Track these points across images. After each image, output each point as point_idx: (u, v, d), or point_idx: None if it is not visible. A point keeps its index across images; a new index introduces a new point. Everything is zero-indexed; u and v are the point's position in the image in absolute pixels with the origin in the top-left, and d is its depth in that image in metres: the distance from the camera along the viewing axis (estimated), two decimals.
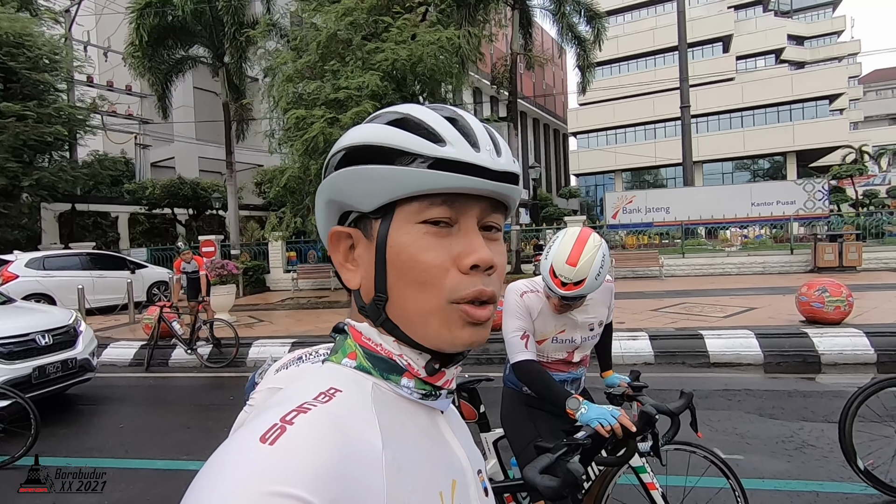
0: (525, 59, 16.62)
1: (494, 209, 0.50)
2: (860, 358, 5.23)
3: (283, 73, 10.17)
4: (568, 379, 1.91)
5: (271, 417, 0.39)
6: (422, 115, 0.48)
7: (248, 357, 6.63)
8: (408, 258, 0.47)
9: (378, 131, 0.48)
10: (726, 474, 1.90)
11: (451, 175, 0.46)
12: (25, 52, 12.59)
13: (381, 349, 0.50)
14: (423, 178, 0.46)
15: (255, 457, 0.36)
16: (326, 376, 0.48)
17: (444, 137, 0.47)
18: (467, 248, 0.47)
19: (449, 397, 0.53)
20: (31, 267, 10.13)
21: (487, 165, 0.47)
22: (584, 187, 40.82)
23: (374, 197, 0.48)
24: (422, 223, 0.47)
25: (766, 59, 40.25)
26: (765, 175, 34.28)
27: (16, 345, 4.46)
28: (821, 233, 14.15)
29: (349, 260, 0.52)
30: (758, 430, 3.63)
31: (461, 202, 0.47)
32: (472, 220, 0.48)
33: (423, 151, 0.46)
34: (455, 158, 0.46)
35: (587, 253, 1.62)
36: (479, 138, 0.48)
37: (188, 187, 17.58)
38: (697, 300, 8.72)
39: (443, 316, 0.47)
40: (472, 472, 0.53)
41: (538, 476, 1.14)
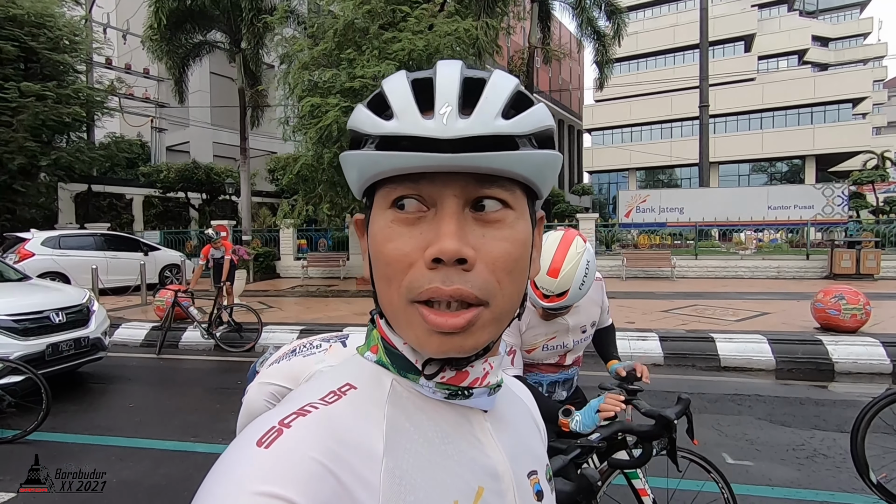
0: (542, 53, 16.45)
1: (488, 182, 0.40)
2: (875, 367, 5.13)
3: (300, 60, 10.15)
4: (560, 379, 1.88)
5: (271, 420, 0.40)
6: (390, 83, 0.43)
7: (257, 343, 6.68)
8: (376, 249, 0.42)
9: (354, 112, 0.45)
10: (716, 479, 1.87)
11: (394, 154, 0.39)
12: (46, 32, 12.70)
13: (395, 344, 0.46)
14: (372, 161, 0.41)
15: (249, 460, 0.36)
16: (346, 371, 0.47)
17: (392, 108, 0.40)
18: (435, 236, 0.39)
19: (492, 395, 0.48)
20: (46, 245, 10.28)
21: (434, 135, 0.38)
22: (597, 185, 40.49)
23: (353, 183, 0.45)
24: (390, 209, 0.42)
25: (789, 59, 39.41)
26: (782, 178, 33.71)
27: (31, 321, 4.53)
28: (838, 239, 13.89)
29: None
30: (768, 436, 3.58)
31: (426, 181, 0.40)
32: (450, 201, 0.40)
33: (370, 130, 0.41)
34: (394, 133, 0.39)
35: (569, 262, 1.52)
36: (437, 99, 0.39)
37: (202, 172, 17.70)
38: (709, 302, 8.62)
39: (406, 317, 0.41)
40: (511, 477, 0.47)
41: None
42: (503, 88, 0.41)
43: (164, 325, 6.82)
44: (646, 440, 1.48)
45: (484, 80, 0.41)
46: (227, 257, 7.39)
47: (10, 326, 4.38)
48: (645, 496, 1.74)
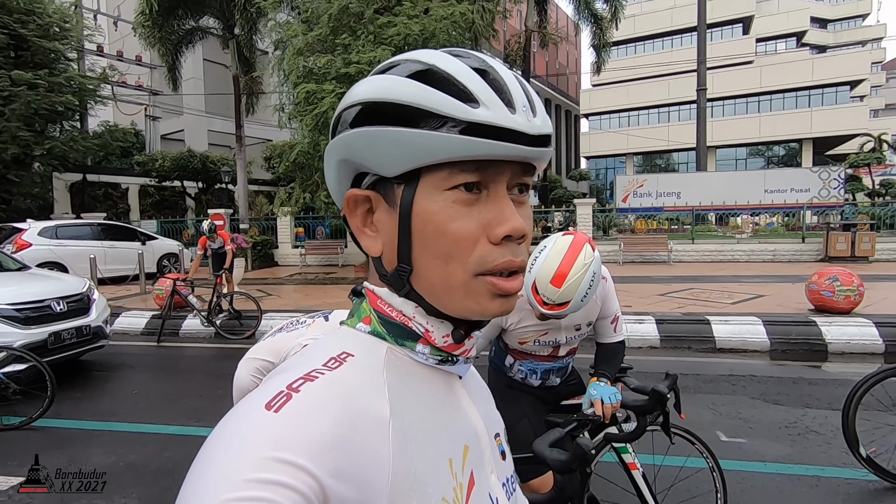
0: (539, 37, 16.30)
1: (524, 171, 0.46)
2: (868, 348, 5.22)
3: (294, 46, 10.03)
4: (553, 368, 1.89)
5: (278, 385, 0.39)
6: (449, 66, 0.43)
7: (257, 330, 6.73)
8: (435, 229, 0.43)
9: (400, 86, 0.43)
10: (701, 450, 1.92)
11: (485, 142, 0.41)
12: (36, 19, 12.52)
13: (395, 315, 0.48)
14: (455, 145, 0.41)
15: (259, 424, 0.36)
16: (340, 340, 0.47)
17: (476, 96, 0.42)
18: (498, 216, 0.44)
19: (468, 363, 0.52)
20: (43, 236, 10.25)
21: (524, 130, 0.42)
22: (594, 170, 40.42)
23: (397, 162, 0.43)
24: (450, 190, 0.43)
25: (788, 41, 39.15)
26: (779, 162, 33.72)
27: (32, 310, 4.55)
28: (834, 222, 13.96)
29: (367, 225, 0.48)
30: (761, 415, 3.65)
31: (493, 167, 0.43)
32: (502, 186, 0.44)
33: (455, 114, 0.41)
34: (490, 123, 0.41)
35: (575, 273, 1.46)
36: (514, 96, 0.43)
37: (197, 160, 17.59)
38: (705, 286, 8.69)
39: (469, 289, 0.44)
40: (487, 437, 0.52)
41: (548, 449, 1.16)
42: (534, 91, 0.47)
43: (163, 313, 6.85)
44: (640, 415, 1.53)
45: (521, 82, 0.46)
46: (228, 247, 7.39)
47: (11, 315, 4.41)
48: (634, 469, 1.79)
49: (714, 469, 1.91)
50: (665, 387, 1.51)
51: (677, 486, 2.14)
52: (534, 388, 1.91)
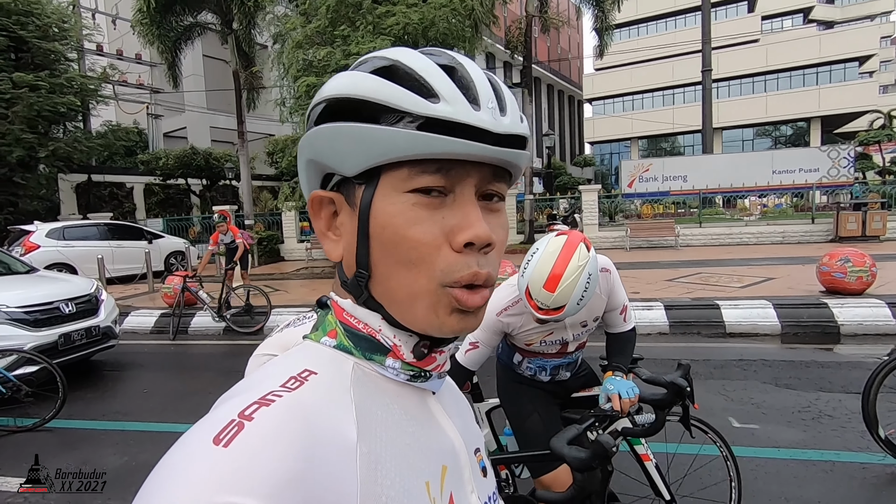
0: (540, 22, 16.06)
1: (496, 176, 0.43)
2: (881, 328, 5.15)
3: (293, 39, 9.96)
4: (563, 363, 1.85)
5: (229, 412, 0.35)
6: (413, 61, 0.41)
7: (266, 324, 6.76)
8: (393, 233, 0.41)
9: (361, 81, 0.41)
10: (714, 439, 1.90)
11: (444, 139, 0.39)
12: (34, 20, 12.49)
13: (363, 327, 0.45)
14: (412, 142, 0.39)
15: (206, 462, 0.31)
16: (302, 357, 0.44)
17: (437, 91, 0.39)
18: (462, 221, 0.41)
19: (441, 378, 0.49)
20: (51, 237, 10.33)
21: (488, 127, 0.40)
22: (598, 155, 40.09)
23: (356, 159, 0.41)
24: (411, 192, 0.40)
25: (794, 18, 38.32)
26: (787, 142, 33.24)
27: (41, 312, 4.58)
28: (844, 201, 13.76)
29: (331, 228, 0.46)
30: (773, 400, 3.62)
31: (457, 169, 0.41)
32: (469, 189, 0.42)
33: (412, 109, 0.39)
34: (450, 118, 0.39)
35: (568, 277, 1.39)
36: (479, 93, 0.41)
37: (201, 157, 17.60)
38: (714, 270, 8.61)
39: (432, 300, 0.41)
40: (466, 454, 0.49)
41: (566, 447, 1.13)
42: (510, 92, 0.45)
43: (175, 311, 6.89)
44: (659, 409, 1.49)
45: (493, 81, 0.44)
46: (239, 241, 7.46)
47: (21, 318, 4.44)
48: (647, 461, 1.77)
49: (728, 458, 1.89)
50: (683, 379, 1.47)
51: (690, 475, 2.11)
52: (544, 384, 1.88)
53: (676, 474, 2.02)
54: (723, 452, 1.90)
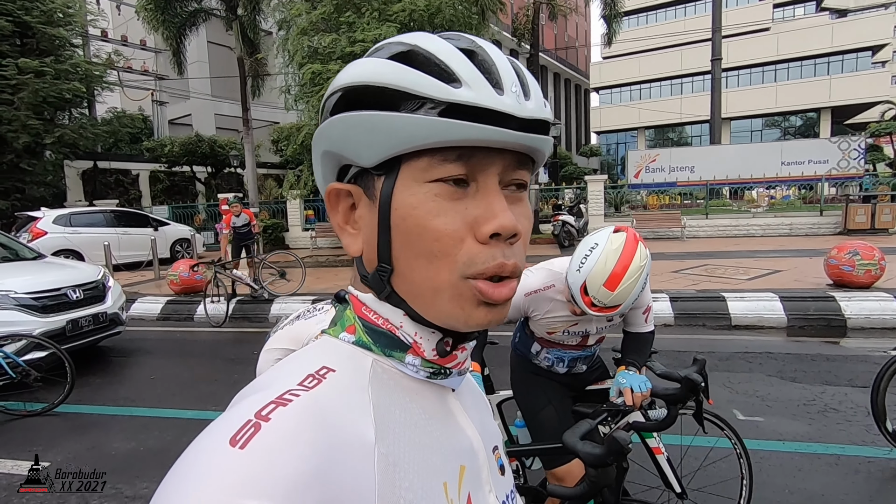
0: (548, 9, 15.85)
1: (520, 163, 0.42)
2: (888, 322, 5.12)
3: (298, 25, 9.89)
4: (581, 356, 1.85)
5: (245, 412, 0.34)
6: (432, 46, 0.40)
7: (269, 314, 6.79)
8: (415, 224, 0.40)
9: (379, 67, 0.40)
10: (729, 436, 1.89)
11: (466, 125, 0.37)
12: (39, 5, 12.45)
13: (382, 323, 0.44)
14: (434, 129, 0.38)
15: (223, 464, 0.31)
16: (320, 353, 0.43)
17: (458, 76, 0.38)
18: (486, 212, 0.40)
19: (461, 375, 0.48)
20: (58, 224, 10.38)
21: (513, 112, 0.38)
22: (604, 145, 39.78)
23: (375, 149, 0.40)
24: (432, 182, 0.39)
25: (806, 6, 37.67)
26: (796, 133, 32.85)
27: (49, 298, 4.61)
28: (853, 193, 13.62)
29: (350, 222, 0.45)
30: (779, 392, 3.61)
31: (479, 157, 0.39)
32: (492, 178, 0.41)
33: (433, 94, 0.38)
34: (472, 103, 0.37)
35: (630, 276, 1.37)
36: (502, 76, 0.39)
37: (206, 145, 17.60)
38: (720, 262, 8.57)
39: (455, 292, 0.40)
40: (484, 453, 0.48)
41: (580, 443, 1.12)
42: (533, 77, 0.43)
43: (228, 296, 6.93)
44: (671, 403, 1.48)
45: (515, 64, 0.42)
46: (253, 222, 7.50)
47: (30, 304, 4.47)
48: (659, 454, 1.76)
49: (741, 456, 1.88)
50: (698, 375, 1.46)
51: (702, 469, 2.12)
52: (559, 376, 1.88)
53: (689, 467, 2.02)
54: (736, 449, 1.89)
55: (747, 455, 1.90)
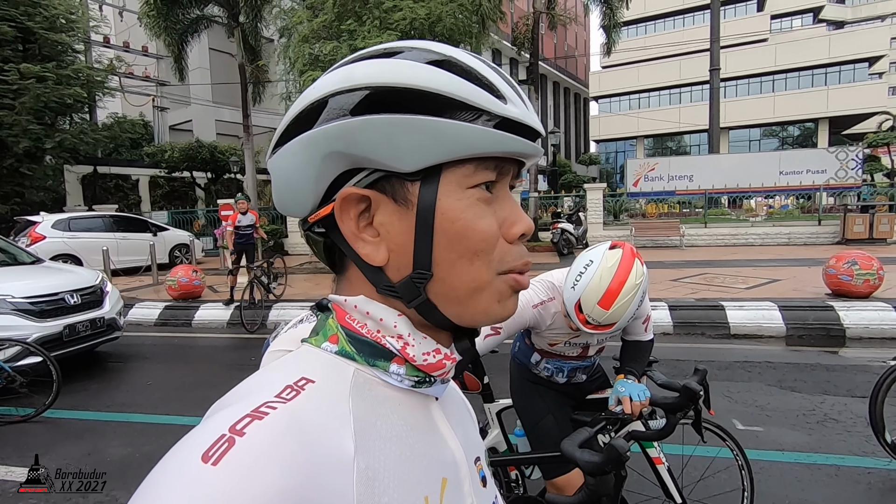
0: (548, 19, 15.97)
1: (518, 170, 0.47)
2: (887, 332, 5.11)
3: (299, 33, 9.94)
4: (581, 366, 1.84)
5: (219, 426, 0.33)
6: (469, 60, 0.41)
7: (268, 320, 6.77)
8: (463, 227, 0.41)
9: (422, 72, 0.39)
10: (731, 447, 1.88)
11: (517, 139, 0.41)
12: (42, 11, 12.51)
13: (365, 331, 0.43)
14: (491, 140, 0.40)
15: (194, 481, 0.30)
16: (300, 363, 0.42)
17: (502, 93, 0.41)
18: (511, 215, 0.44)
19: (444, 384, 0.47)
20: (57, 228, 10.37)
21: (537, 127, 0.43)
22: (604, 154, 39.88)
23: (419, 155, 0.39)
24: (472, 188, 0.42)
25: (804, 18, 38.00)
26: (794, 143, 33.00)
27: (46, 303, 4.60)
28: (851, 203, 13.66)
29: (363, 229, 0.43)
30: (778, 402, 3.60)
31: (507, 165, 0.43)
32: (507, 184, 0.45)
33: (489, 108, 0.40)
34: (518, 119, 0.41)
35: (625, 295, 1.35)
36: (522, 95, 0.43)
37: (206, 150, 17.62)
38: (719, 271, 8.57)
39: (493, 289, 0.43)
40: (467, 465, 0.47)
41: (578, 451, 1.11)
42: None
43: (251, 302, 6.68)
44: (670, 412, 1.47)
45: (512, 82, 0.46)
46: (257, 224, 7.38)
47: (26, 309, 4.46)
48: (660, 464, 1.75)
49: (743, 467, 1.87)
50: (696, 383, 1.45)
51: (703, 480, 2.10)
52: (559, 385, 1.87)
53: (690, 478, 2.01)
54: (738, 461, 1.88)
55: (749, 466, 1.89)
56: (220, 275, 10.44)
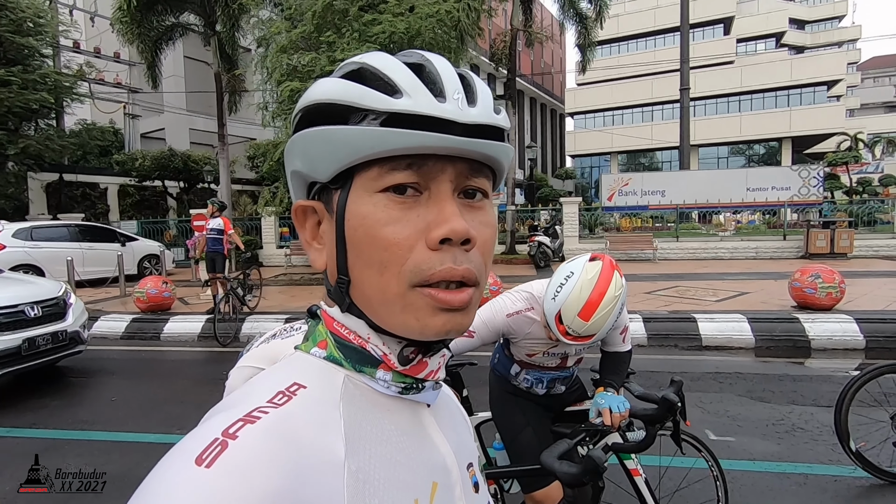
0: (525, 36, 16.31)
1: (476, 171, 0.42)
2: (849, 343, 5.30)
3: (277, 43, 9.88)
4: (560, 377, 1.85)
5: (212, 430, 0.34)
6: (379, 62, 0.41)
7: (241, 332, 6.61)
8: (365, 234, 0.40)
9: (330, 86, 0.41)
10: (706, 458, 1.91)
11: (406, 132, 0.38)
12: (8, 14, 12.16)
13: (353, 338, 0.44)
14: (375, 138, 0.38)
15: (188, 483, 0.30)
16: (291, 370, 0.43)
17: (400, 87, 0.39)
18: (437, 217, 0.39)
19: (436, 389, 0.47)
20: (18, 237, 9.95)
21: (453, 118, 0.39)
22: (579, 168, 40.66)
23: (327, 164, 0.41)
24: (383, 192, 0.40)
25: (767, 42, 39.82)
26: (760, 160, 34.32)
27: (4, 316, 4.38)
28: (814, 219, 14.23)
29: (316, 238, 0.45)
30: (748, 412, 3.68)
31: (431, 164, 0.40)
32: (444, 185, 0.41)
33: (374, 105, 0.39)
34: (411, 111, 0.38)
35: (605, 307, 1.37)
36: (445, 85, 0.40)
37: (179, 159, 17.26)
38: (690, 283, 8.78)
39: (405, 302, 0.40)
40: (458, 470, 0.48)
41: (557, 462, 1.11)
42: (486, 87, 0.44)
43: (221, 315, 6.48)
44: (650, 424, 1.49)
45: (465, 75, 0.43)
46: (230, 231, 7.28)
47: None
48: (637, 476, 1.76)
49: (717, 478, 1.90)
50: (673, 394, 1.47)
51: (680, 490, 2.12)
52: (538, 397, 1.87)
53: (666, 489, 2.02)
54: (713, 472, 1.91)
55: (723, 477, 1.92)
56: (191, 286, 10.16)
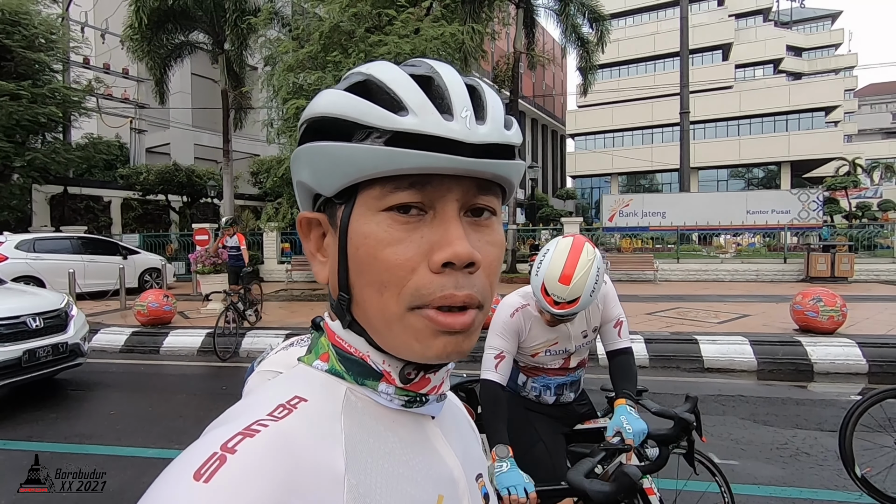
0: (527, 59, 16.61)
1: (484, 189, 0.41)
2: (851, 368, 5.28)
3: (284, 62, 10.06)
4: (567, 382, 1.88)
5: (211, 444, 0.34)
6: (386, 74, 0.40)
7: (241, 347, 6.58)
8: (367, 253, 0.39)
9: (335, 98, 0.40)
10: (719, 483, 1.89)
11: (410, 153, 0.37)
12: (21, 30, 12.38)
13: (354, 350, 0.43)
14: (378, 158, 0.37)
15: (186, 499, 0.30)
16: (293, 382, 0.42)
17: (406, 104, 0.38)
18: (441, 239, 0.38)
19: (440, 401, 0.47)
20: (21, 249, 9.97)
21: (461, 138, 0.37)
22: (580, 189, 40.93)
23: (332, 179, 0.40)
24: (386, 211, 0.39)
25: (765, 68, 40.48)
26: (759, 184, 34.57)
27: (6, 327, 4.38)
28: (814, 243, 14.27)
29: (320, 249, 0.45)
30: (752, 436, 3.65)
31: (435, 184, 0.38)
32: (451, 205, 0.39)
33: (379, 124, 0.37)
34: (416, 131, 0.37)
35: (581, 269, 1.51)
36: (454, 102, 0.38)
37: (183, 174, 17.38)
38: (692, 305, 8.76)
39: (404, 325, 0.39)
40: (465, 482, 0.47)
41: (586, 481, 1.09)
42: (497, 99, 0.42)
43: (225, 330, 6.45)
44: (662, 444, 1.48)
45: (475, 87, 0.42)
46: (242, 247, 7.60)
47: None
48: (652, 495, 1.75)
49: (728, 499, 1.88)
50: (689, 414, 1.46)
51: None
52: (548, 407, 1.88)
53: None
54: (725, 498, 1.89)
55: (734, 501, 1.90)
56: (192, 300, 10.15)
